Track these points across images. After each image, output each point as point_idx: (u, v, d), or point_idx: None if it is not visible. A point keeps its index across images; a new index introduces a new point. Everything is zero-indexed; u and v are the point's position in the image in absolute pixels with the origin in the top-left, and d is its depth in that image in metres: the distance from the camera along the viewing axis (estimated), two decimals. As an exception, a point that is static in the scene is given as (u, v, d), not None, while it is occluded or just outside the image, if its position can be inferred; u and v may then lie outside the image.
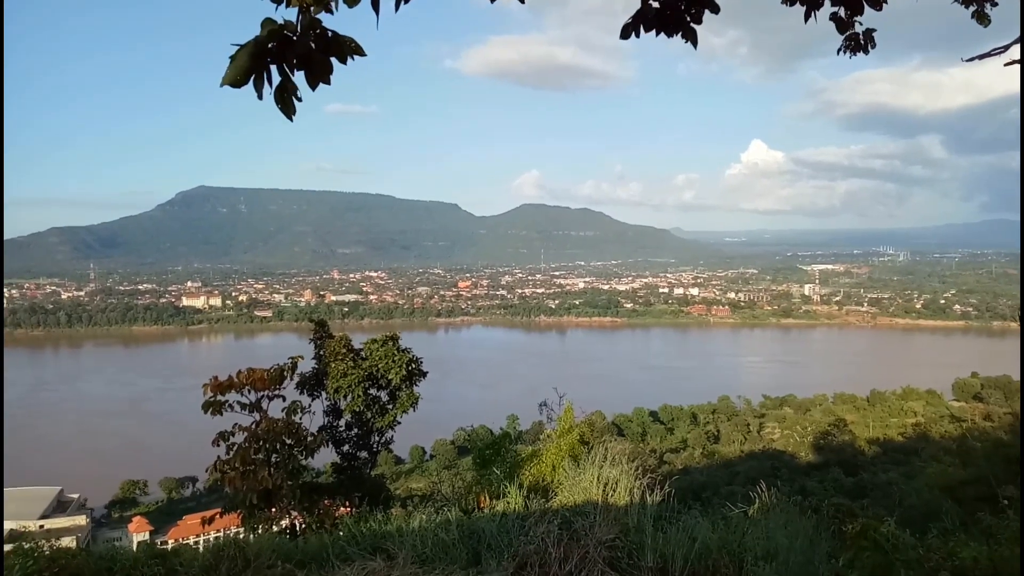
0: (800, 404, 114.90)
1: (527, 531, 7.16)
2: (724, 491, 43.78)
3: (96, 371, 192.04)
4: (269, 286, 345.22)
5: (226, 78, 3.40)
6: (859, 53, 7.00)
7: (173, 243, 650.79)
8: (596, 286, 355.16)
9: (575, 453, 12.04)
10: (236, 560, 6.77)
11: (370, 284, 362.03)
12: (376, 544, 7.49)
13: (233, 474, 13.22)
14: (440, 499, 12.23)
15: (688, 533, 6.91)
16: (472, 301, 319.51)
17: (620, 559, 6.67)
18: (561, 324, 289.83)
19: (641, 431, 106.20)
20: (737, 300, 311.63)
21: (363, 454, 20.11)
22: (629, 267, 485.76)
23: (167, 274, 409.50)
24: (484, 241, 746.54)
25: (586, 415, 15.71)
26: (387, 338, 20.14)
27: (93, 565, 6.59)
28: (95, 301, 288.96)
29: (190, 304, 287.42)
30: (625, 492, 8.46)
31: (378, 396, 19.78)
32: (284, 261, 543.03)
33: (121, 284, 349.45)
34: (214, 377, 13.98)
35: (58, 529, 68.27)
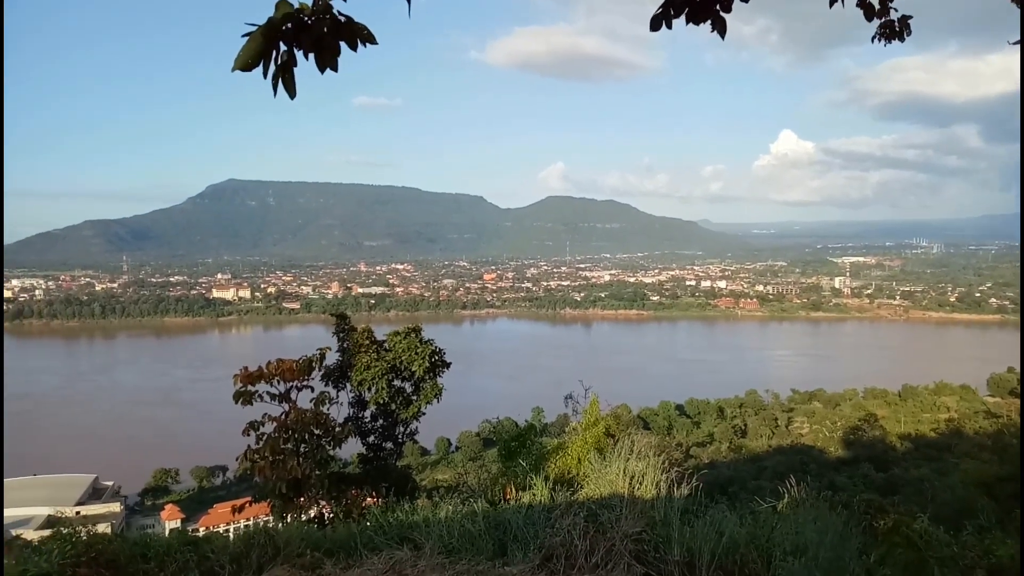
0: (829, 399, 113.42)
1: (553, 523, 7.16)
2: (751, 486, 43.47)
3: (130, 361, 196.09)
4: (297, 278, 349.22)
5: (238, 61, 3.42)
6: (894, 40, 6.84)
7: (204, 236, 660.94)
8: (622, 279, 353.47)
9: (601, 446, 12.02)
10: (266, 548, 6.87)
11: (396, 276, 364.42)
12: (403, 534, 7.55)
13: (263, 463, 13.40)
14: (466, 490, 12.28)
15: (715, 527, 6.85)
16: (497, 293, 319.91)
17: (647, 552, 6.64)
18: (586, 317, 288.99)
19: (667, 424, 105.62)
20: (765, 293, 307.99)
21: (389, 445, 20.27)
22: (656, 259, 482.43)
23: (198, 266, 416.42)
24: (509, 233, 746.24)
25: (611, 408, 15.68)
26: (409, 330, 20.24)
27: (128, 551, 6.73)
28: (128, 293, 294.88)
29: (220, 296, 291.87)
30: (651, 485, 8.42)
31: (402, 387, 19.90)
32: (312, 253, 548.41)
33: (153, 276, 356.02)
34: (244, 368, 14.16)
35: (94, 516, 69.86)
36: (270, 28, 3.41)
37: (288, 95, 3.64)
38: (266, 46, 3.41)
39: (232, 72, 3.41)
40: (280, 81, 3.56)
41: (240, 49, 3.38)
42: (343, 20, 3.53)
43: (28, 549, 7.24)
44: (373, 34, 3.62)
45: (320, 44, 3.52)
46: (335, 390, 18.59)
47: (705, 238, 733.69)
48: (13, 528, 66.09)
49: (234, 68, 3.40)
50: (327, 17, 3.50)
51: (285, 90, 3.61)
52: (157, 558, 6.67)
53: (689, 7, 5.14)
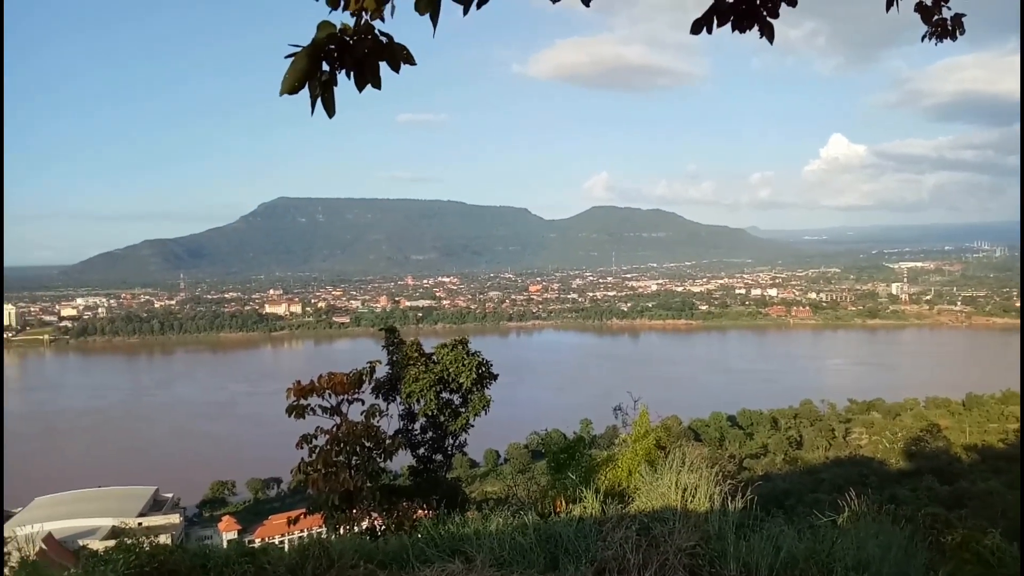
0: (889, 409, 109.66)
1: (605, 536, 7.09)
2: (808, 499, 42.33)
3: (188, 376, 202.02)
4: (346, 293, 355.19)
5: (285, 84, 3.49)
6: (946, 39, 6.65)
7: (256, 253, 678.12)
8: (669, 288, 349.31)
9: (651, 458, 11.86)
10: (321, 560, 6.97)
11: (443, 289, 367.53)
12: (454, 546, 7.56)
13: (316, 476, 13.62)
14: (516, 503, 12.25)
15: (772, 542, 6.68)
16: (543, 305, 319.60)
17: (701, 567, 6.52)
18: (634, 327, 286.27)
19: (719, 436, 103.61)
20: (818, 301, 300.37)
21: (438, 457, 20.36)
22: (703, 268, 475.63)
23: (251, 283, 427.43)
24: (554, 245, 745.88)
25: (661, 419, 15.47)
26: (456, 342, 20.35)
27: (188, 562, 6.90)
28: (185, 309, 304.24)
29: (272, 311, 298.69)
30: (705, 498, 8.27)
31: (450, 399, 20.00)
32: (360, 268, 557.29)
33: (208, 293, 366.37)
34: (297, 381, 14.44)
35: (155, 527, 72.03)
36: (314, 49, 3.48)
37: (327, 113, 3.70)
38: (310, 67, 3.49)
39: (280, 96, 3.50)
40: (320, 99, 3.63)
41: (286, 72, 3.46)
42: (384, 41, 3.59)
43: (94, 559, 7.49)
44: (412, 55, 3.67)
45: (361, 64, 3.58)
46: (385, 403, 18.79)
47: (754, 245, 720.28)
48: (80, 538, 68.64)
49: (282, 92, 3.48)
50: (368, 38, 3.56)
51: (324, 108, 3.67)
52: (216, 569, 6.82)
53: (735, 14, 5.08)
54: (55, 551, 51.34)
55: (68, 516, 77.83)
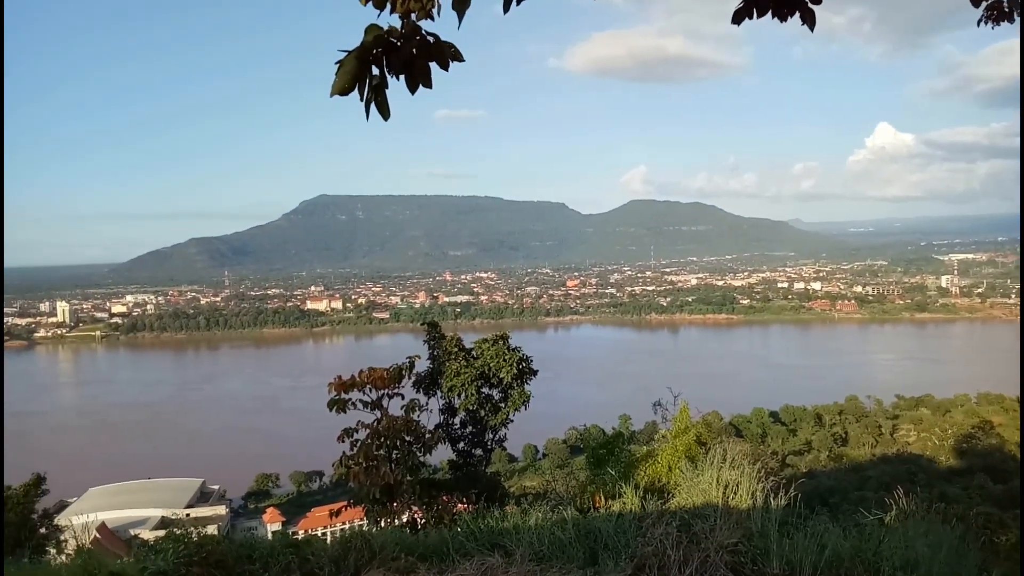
0: (938, 405, 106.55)
1: (644, 532, 7.05)
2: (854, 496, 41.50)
3: (233, 371, 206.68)
4: (386, 289, 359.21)
5: (335, 86, 3.54)
6: (1002, 23, 6.43)
7: (298, 250, 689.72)
8: (710, 282, 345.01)
9: (692, 454, 11.76)
10: (363, 552, 7.08)
11: (480, 285, 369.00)
12: (494, 540, 7.59)
13: (357, 469, 13.79)
14: (554, 498, 12.25)
15: (817, 540, 6.56)
16: (581, 300, 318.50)
17: (743, 564, 6.44)
18: (673, 322, 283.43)
19: (761, 432, 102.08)
20: (864, 294, 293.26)
21: (478, 451, 20.45)
22: (745, 262, 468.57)
23: (293, 279, 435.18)
24: (592, 239, 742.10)
25: (702, 415, 15.29)
26: (497, 337, 20.38)
27: (235, 552, 7.07)
28: (230, 306, 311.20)
29: (314, 307, 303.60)
30: (747, 495, 8.16)
31: (490, 394, 20.06)
32: (399, 264, 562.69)
33: (252, 289, 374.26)
34: (338, 376, 14.64)
35: (203, 518, 73.94)
36: (363, 51, 3.53)
37: (381, 117, 3.75)
38: (360, 70, 3.54)
39: (331, 97, 3.55)
40: (373, 103, 3.68)
41: (336, 74, 3.52)
42: (431, 40, 3.62)
43: (146, 548, 7.73)
44: (460, 52, 3.70)
45: (410, 65, 3.61)
46: (425, 397, 18.93)
47: (797, 238, 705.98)
48: (131, 528, 70.92)
49: (332, 93, 3.54)
50: (416, 38, 3.60)
51: (378, 112, 3.71)
52: (261, 559, 6.98)
53: (775, 2, 5.00)
54: (108, 540, 53.13)
55: (120, 506, 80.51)
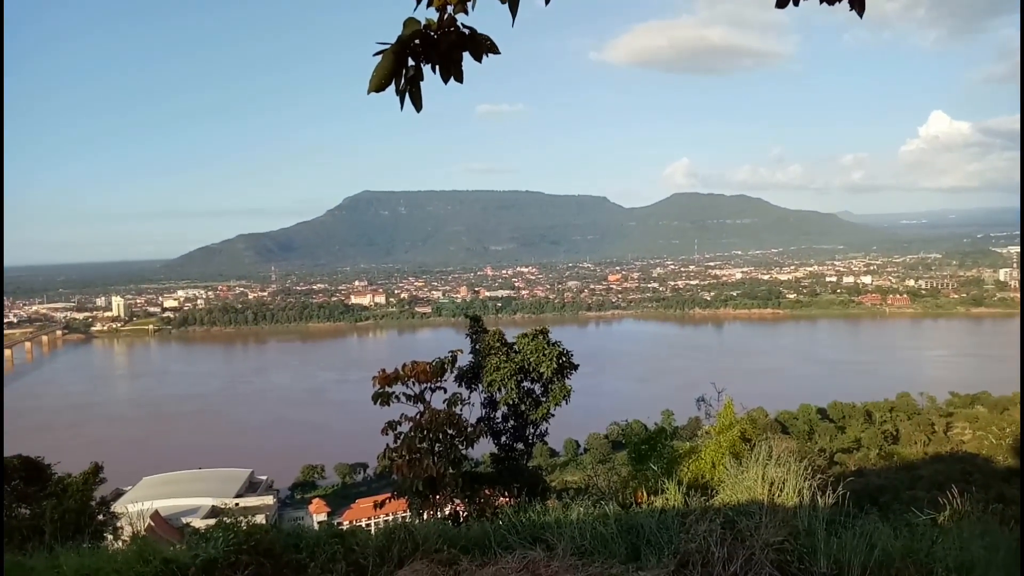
0: (996, 403, 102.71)
1: (688, 529, 6.98)
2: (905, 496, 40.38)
3: (281, 364, 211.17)
4: (428, 283, 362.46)
5: (373, 82, 3.58)
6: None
7: (342, 245, 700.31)
8: (755, 276, 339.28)
9: (736, 450, 11.62)
10: (406, 543, 7.18)
11: (521, 279, 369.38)
12: (535, 534, 7.62)
13: (400, 461, 13.97)
14: (596, 492, 12.22)
15: (866, 539, 6.41)
16: (623, 294, 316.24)
17: (790, 563, 6.33)
18: (717, 317, 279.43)
19: (808, 429, 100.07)
20: (917, 288, 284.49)
21: (519, 446, 20.53)
22: (791, 255, 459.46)
23: (337, 274, 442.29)
24: (634, 233, 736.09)
25: (747, 411, 15.08)
26: (537, 332, 20.40)
27: (283, 541, 7.24)
28: (276, 300, 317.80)
29: (358, 302, 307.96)
30: (793, 493, 8.02)
31: (531, 389, 20.10)
32: (441, 259, 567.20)
33: (298, 284, 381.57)
34: (382, 370, 14.84)
35: (251, 507, 75.78)
36: (400, 46, 3.56)
37: (415, 108, 3.78)
38: (397, 64, 3.57)
39: (368, 93, 3.59)
40: (407, 95, 3.71)
41: (373, 70, 3.55)
42: (467, 33, 3.63)
43: (197, 536, 7.97)
44: (496, 45, 3.71)
45: (446, 58, 3.64)
46: (467, 391, 19.07)
47: (846, 231, 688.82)
48: (183, 516, 73.15)
49: (370, 90, 3.58)
50: (452, 31, 3.62)
51: (412, 103, 3.75)
52: (308, 549, 7.14)
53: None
54: (161, 527, 54.92)
55: (172, 495, 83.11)
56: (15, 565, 7.01)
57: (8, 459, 16.59)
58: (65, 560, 6.70)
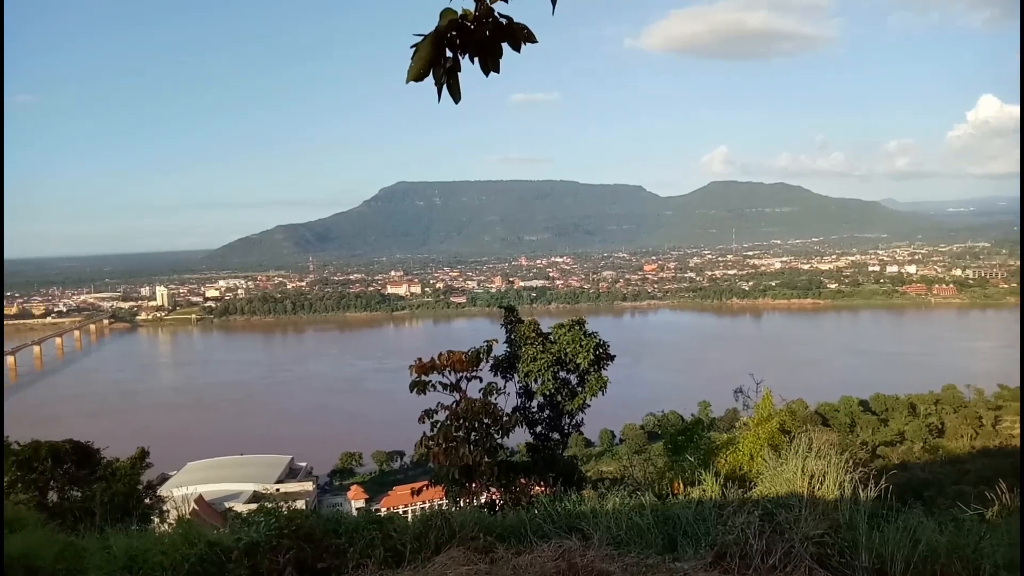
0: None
1: (725, 521, 6.92)
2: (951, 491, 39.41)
3: (319, 353, 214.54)
4: (463, 274, 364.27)
5: (411, 72, 3.59)
6: None
7: (378, 236, 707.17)
8: (795, 266, 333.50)
9: (775, 442, 11.49)
10: (443, 530, 7.26)
11: (556, 269, 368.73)
12: (571, 524, 7.63)
13: (437, 450, 14.11)
14: (632, 483, 12.19)
15: (910, 534, 6.27)
16: (658, 284, 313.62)
17: (830, 556, 6.24)
18: (756, 307, 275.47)
19: (849, 421, 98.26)
20: (964, 277, 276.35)
21: (555, 435, 20.54)
22: (832, 244, 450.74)
23: (373, 264, 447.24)
24: (670, 223, 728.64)
25: (786, 403, 14.89)
26: (574, 322, 20.34)
27: (322, 527, 7.38)
28: (314, 290, 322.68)
29: (394, 292, 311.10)
30: (834, 486, 7.88)
31: (568, 379, 20.08)
32: (476, 249, 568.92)
33: (335, 275, 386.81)
34: (418, 359, 14.98)
35: (292, 493, 77.36)
36: (437, 36, 3.57)
37: (452, 99, 3.79)
38: (434, 54, 3.58)
39: (407, 84, 3.61)
40: (445, 86, 3.72)
41: (411, 60, 3.57)
42: (504, 22, 3.63)
43: (239, 520, 8.18)
44: (533, 33, 3.69)
45: (483, 47, 3.64)
46: (503, 380, 19.13)
47: (890, 219, 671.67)
48: (226, 501, 74.93)
49: (408, 79, 3.59)
50: (489, 21, 3.61)
51: (450, 94, 3.76)
52: (347, 534, 7.26)
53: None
54: (205, 511, 56.38)
55: (216, 480, 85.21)
56: (68, 545, 7.27)
57: (59, 443, 17.19)
58: (115, 541, 6.92)
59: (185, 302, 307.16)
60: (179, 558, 6.39)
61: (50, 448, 16.62)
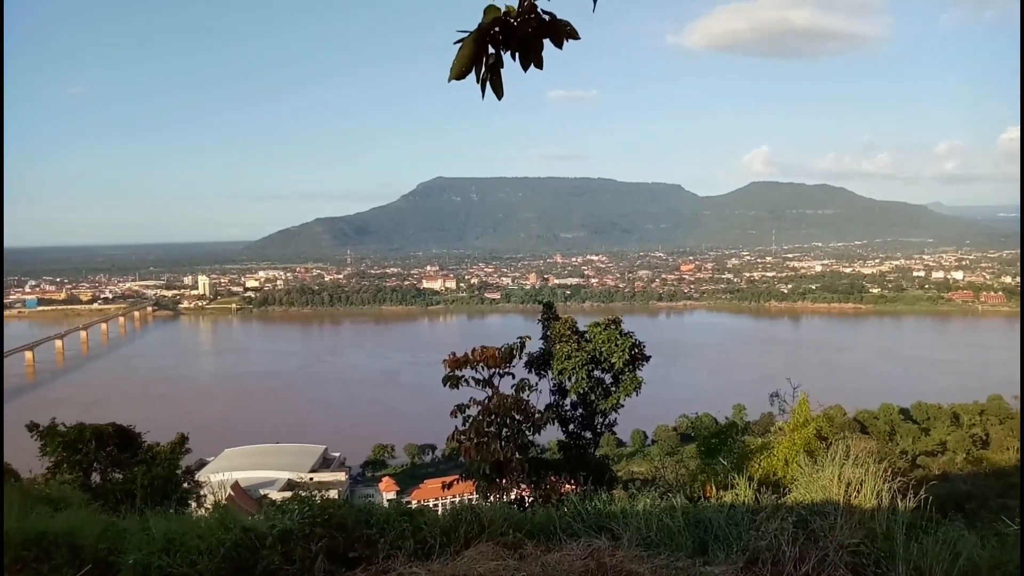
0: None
1: (758, 526, 6.83)
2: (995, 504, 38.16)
3: (355, 345, 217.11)
4: (498, 270, 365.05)
5: (454, 70, 3.60)
6: None
7: (415, 230, 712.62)
8: (836, 269, 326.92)
9: (811, 448, 11.32)
10: (473, 525, 7.29)
11: (591, 268, 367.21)
12: (600, 523, 7.59)
13: (468, 444, 14.20)
14: (663, 485, 12.10)
15: (950, 547, 6.11)
16: (695, 285, 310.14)
17: (865, 567, 6.11)
18: (794, 310, 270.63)
19: (889, 430, 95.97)
20: (1014, 285, 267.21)
21: (587, 434, 20.51)
22: (876, 248, 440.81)
23: (410, 259, 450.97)
24: (708, 222, 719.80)
25: (823, 408, 14.62)
26: (610, 321, 20.27)
27: (354, 516, 7.46)
28: (351, 283, 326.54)
29: (429, 286, 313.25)
30: (871, 495, 7.71)
31: (602, 378, 20.01)
32: (511, 246, 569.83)
33: (372, 268, 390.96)
34: (452, 354, 15.09)
35: (325, 483, 78.59)
36: (481, 33, 3.57)
37: (496, 96, 3.79)
38: (477, 51, 3.58)
39: (449, 81, 3.62)
40: (488, 83, 3.72)
41: (454, 57, 3.58)
42: (547, 19, 3.62)
43: (274, 508, 8.34)
44: (576, 30, 3.68)
45: (525, 44, 3.63)
46: (537, 377, 19.15)
47: (936, 223, 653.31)
48: (261, 488, 76.40)
49: (451, 78, 3.60)
50: (532, 17, 3.61)
51: (493, 91, 3.76)
52: (378, 525, 7.34)
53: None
54: (241, 498, 57.62)
55: (252, 467, 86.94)
56: (110, 525, 7.48)
57: (103, 426, 17.70)
58: (154, 523, 7.10)
59: (226, 292, 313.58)
60: (215, 542, 6.52)
61: (94, 431, 17.11)
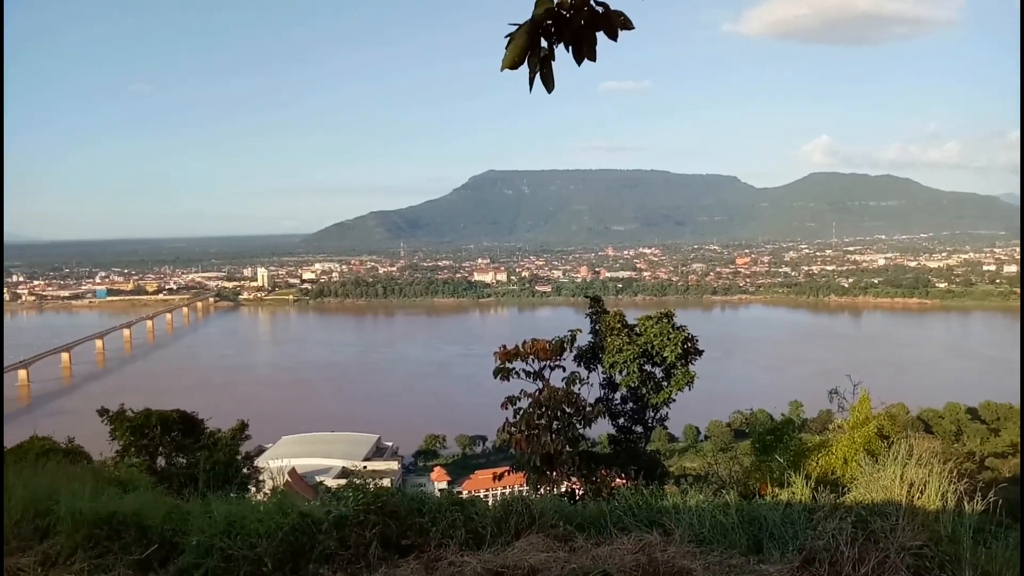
0: None
1: (815, 525, 6.67)
2: (1069, 510, 36.42)
3: (408, 337, 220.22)
4: (548, 263, 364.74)
5: (505, 61, 3.59)
6: None
7: (466, 223, 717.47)
8: (900, 263, 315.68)
9: (871, 447, 11.01)
10: (523, 516, 7.32)
11: (643, 261, 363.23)
12: (652, 518, 7.53)
13: (519, 436, 14.26)
14: (716, 481, 11.92)
15: (1021, 552, 5.86)
16: (751, 279, 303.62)
17: (928, 569, 5.90)
18: (855, 305, 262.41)
19: (955, 430, 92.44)
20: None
21: (638, 428, 20.32)
22: (943, 241, 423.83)
23: (461, 251, 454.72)
24: (765, 215, 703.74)
25: (885, 406, 14.20)
26: (662, 315, 20.00)
27: (407, 505, 7.59)
28: (404, 275, 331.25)
29: (480, 279, 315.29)
30: (936, 496, 7.44)
31: (653, 372, 19.78)
32: (562, 239, 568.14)
33: (424, 261, 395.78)
34: (503, 346, 15.16)
35: (378, 471, 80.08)
36: (533, 25, 3.56)
37: (545, 89, 3.77)
38: (529, 43, 3.58)
39: (501, 72, 3.63)
40: (538, 75, 3.71)
41: (506, 49, 3.58)
42: (600, 10, 3.58)
43: (329, 494, 8.54)
44: (630, 20, 3.63)
45: (578, 36, 3.61)
46: (587, 371, 19.07)
47: (1009, 215, 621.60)
48: (317, 475, 78.31)
49: (503, 68, 3.61)
50: (585, 9, 3.58)
51: (543, 84, 3.74)
52: (430, 514, 7.44)
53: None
54: (297, 484, 59.16)
55: (308, 455, 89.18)
56: (175, 507, 7.79)
57: (168, 412, 18.40)
58: (216, 507, 7.35)
59: (284, 283, 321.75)
60: (274, 526, 6.72)
61: (159, 417, 17.80)
